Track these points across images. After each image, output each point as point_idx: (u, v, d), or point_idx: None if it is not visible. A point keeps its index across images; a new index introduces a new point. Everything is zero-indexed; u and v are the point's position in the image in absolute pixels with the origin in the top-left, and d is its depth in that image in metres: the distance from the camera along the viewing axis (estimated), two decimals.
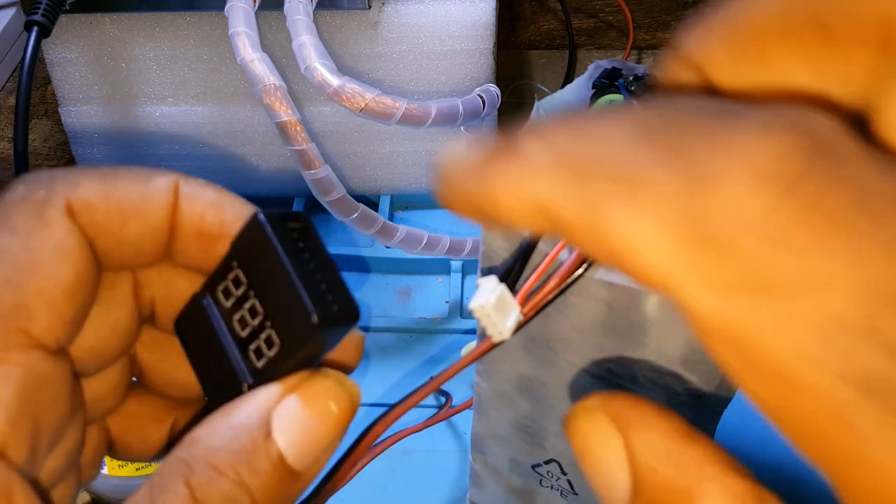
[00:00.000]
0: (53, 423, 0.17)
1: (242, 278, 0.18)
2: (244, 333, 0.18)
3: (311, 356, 0.18)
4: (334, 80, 0.45)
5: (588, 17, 0.71)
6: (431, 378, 0.21)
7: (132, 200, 0.18)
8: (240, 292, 0.18)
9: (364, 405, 0.47)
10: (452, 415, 0.39)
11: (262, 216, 0.17)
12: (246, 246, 0.18)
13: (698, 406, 0.27)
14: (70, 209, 0.17)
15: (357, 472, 0.21)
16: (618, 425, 0.14)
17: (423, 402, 0.22)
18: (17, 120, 0.43)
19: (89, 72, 0.53)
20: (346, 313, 0.17)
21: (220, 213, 0.19)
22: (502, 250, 0.27)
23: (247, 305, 0.18)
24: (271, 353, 0.17)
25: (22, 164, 0.43)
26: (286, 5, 0.47)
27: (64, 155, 0.63)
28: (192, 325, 0.19)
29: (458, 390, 0.42)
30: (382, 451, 0.21)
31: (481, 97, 0.49)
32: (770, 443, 0.45)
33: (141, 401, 0.21)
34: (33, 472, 0.16)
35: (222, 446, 0.16)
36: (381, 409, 0.21)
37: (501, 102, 0.52)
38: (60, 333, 0.16)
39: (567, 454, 0.32)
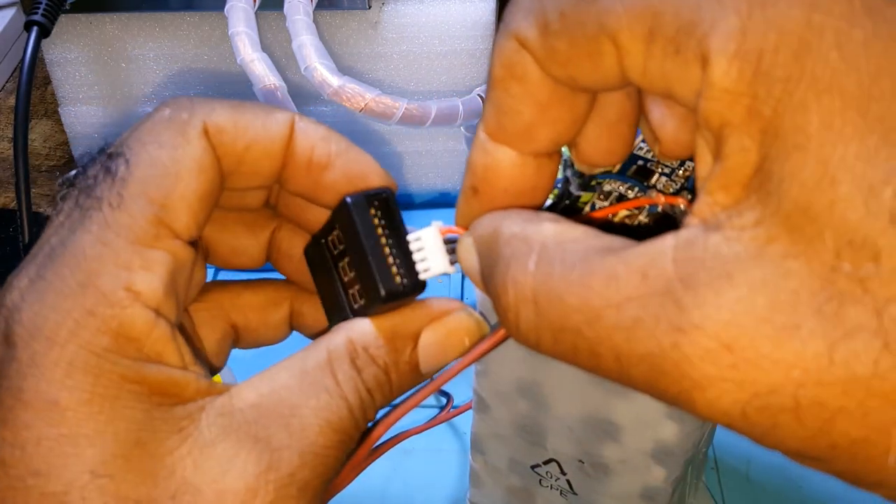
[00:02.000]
0: (187, 300, 0.20)
1: (342, 238, 0.22)
2: (346, 279, 0.22)
3: (387, 311, 0.22)
4: (334, 80, 0.45)
5: None
6: (431, 379, 0.21)
7: (255, 129, 0.21)
8: (341, 248, 0.22)
9: None
10: (454, 416, 0.39)
11: (349, 200, 0.21)
12: (341, 218, 0.22)
13: None
14: (206, 130, 0.20)
15: (359, 474, 0.21)
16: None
17: (424, 402, 0.23)
18: (17, 120, 0.43)
19: (89, 72, 0.53)
20: (412, 287, 0.21)
21: (328, 146, 0.22)
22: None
23: (346, 260, 0.22)
24: (362, 302, 0.22)
25: (22, 164, 0.43)
26: (286, 5, 0.47)
27: (64, 155, 0.63)
28: (315, 258, 0.24)
29: (459, 391, 0.42)
30: (384, 452, 0.21)
31: (481, 97, 0.50)
32: None
33: (255, 292, 0.25)
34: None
35: (381, 345, 0.21)
36: (384, 409, 0.21)
37: None
38: (194, 231, 0.20)
39: (567, 454, 0.32)
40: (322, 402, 0.20)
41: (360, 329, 0.21)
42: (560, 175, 0.26)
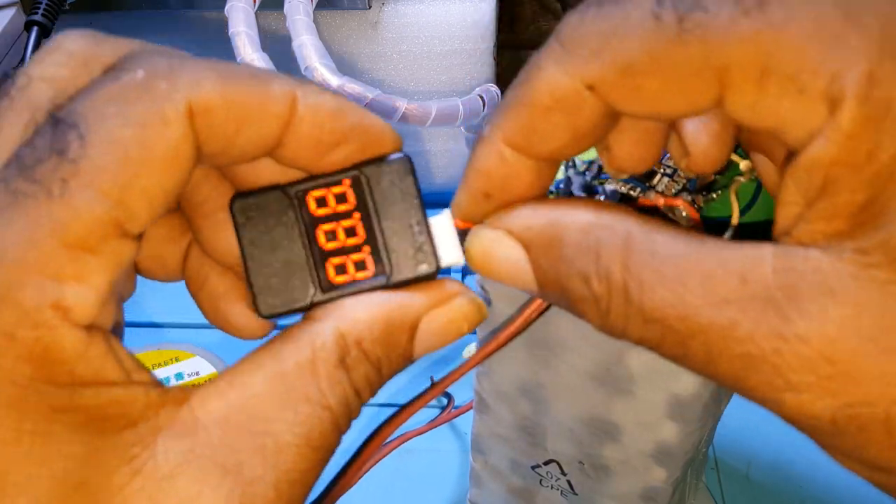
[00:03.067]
0: (125, 287, 0.18)
1: (350, 198, 0.19)
2: (329, 246, 0.19)
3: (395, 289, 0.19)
4: (334, 80, 0.45)
5: None
6: (433, 382, 0.21)
7: (250, 107, 0.17)
8: (340, 208, 0.19)
9: (369, 406, 0.47)
10: (455, 417, 0.39)
11: (402, 156, 0.19)
12: (375, 174, 0.19)
13: (698, 405, 0.27)
14: (189, 111, 0.17)
15: (362, 476, 0.21)
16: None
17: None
18: None
19: None
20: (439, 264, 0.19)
21: (340, 122, 0.19)
22: (500, 307, 0.27)
23: (344, 223, 0.19)
24: (358, 275, 0.19)
25: None
26: (286, 5, 0.47)
27: None
28: (259, 211, 0.19)
29: (460, 391, 0.42)
30: (387, 454, 0.21)
31: (481, 97, 0.50)
32: (771, 442, 0.45)
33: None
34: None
35: (376, 339, 0.18)
36: (387, 410, 0.21)
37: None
38: (146, 225, 0.17)
39: (567, 455, 0.32)
40: (301, 415, 0.17)
41: (352, 318, 0.18)
42: (561, 175, 0.26)
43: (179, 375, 0.45)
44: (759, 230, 0.23)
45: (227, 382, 0.17)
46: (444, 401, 0.44)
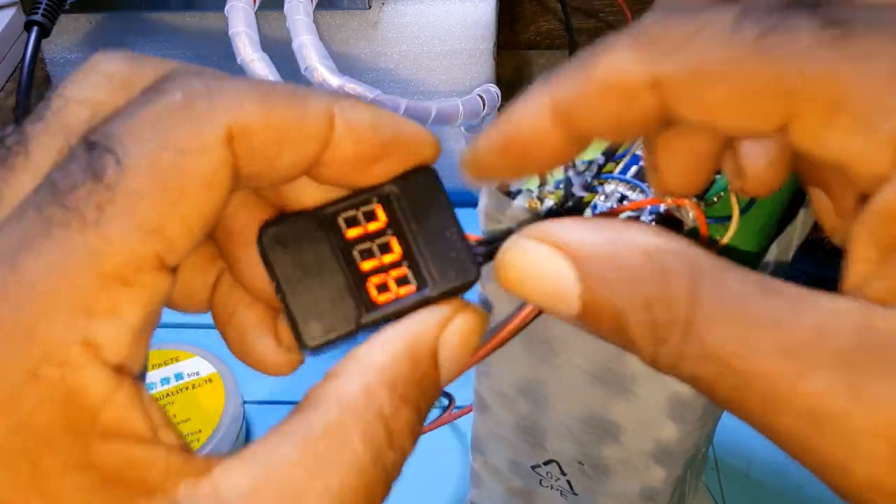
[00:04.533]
0: (157, 318, 0.17)
1: (381, 215, 0.19)
2: (366, 266, 0.18)
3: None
4: (334, 80, 0.45)
5: (588, 17, 0.71)
6: None
7: (290, 129, 0.17)
8: (372, 227, 0.19)
9: None
10: (456, 418, 0.39)
11: (434, 169, 0.19)
12: (402, 189, 0.19)
13: (699, 405, 0.27)
14: (229, 135, 0.16)
15: None
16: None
17: None
18: (17, 120, 0.43)
19: None
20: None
21: (378, 136, 0.18)
22: (500, 306, 0.27)
23: (378, 241, 0.18)
24: (400, 291, 0.18)
25: None
26: (286, 5, 0.47)
27: None
28: (290, 240, 0.19)
29: (461, 392, 0.42)
30: None
31: (481, 97, 0.50)
32: (771, 442, 0.45)
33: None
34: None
35: (408, 379, 0.17)
36: None
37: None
38: (184, 255, 0.16)
39: (567, 455, 0.32)
40: (334, 482, 0.15)
41: (375, 364, 0.17)
42: (561, 176, 0.26)
43: (179, 375, 0.45)
44: (739, 255, 0.23)
45: (252, 453, 0.16)
46: (445, 402, 0.44)
